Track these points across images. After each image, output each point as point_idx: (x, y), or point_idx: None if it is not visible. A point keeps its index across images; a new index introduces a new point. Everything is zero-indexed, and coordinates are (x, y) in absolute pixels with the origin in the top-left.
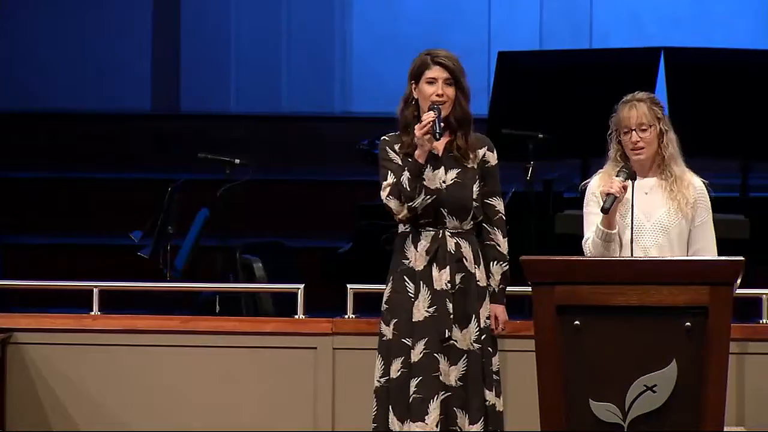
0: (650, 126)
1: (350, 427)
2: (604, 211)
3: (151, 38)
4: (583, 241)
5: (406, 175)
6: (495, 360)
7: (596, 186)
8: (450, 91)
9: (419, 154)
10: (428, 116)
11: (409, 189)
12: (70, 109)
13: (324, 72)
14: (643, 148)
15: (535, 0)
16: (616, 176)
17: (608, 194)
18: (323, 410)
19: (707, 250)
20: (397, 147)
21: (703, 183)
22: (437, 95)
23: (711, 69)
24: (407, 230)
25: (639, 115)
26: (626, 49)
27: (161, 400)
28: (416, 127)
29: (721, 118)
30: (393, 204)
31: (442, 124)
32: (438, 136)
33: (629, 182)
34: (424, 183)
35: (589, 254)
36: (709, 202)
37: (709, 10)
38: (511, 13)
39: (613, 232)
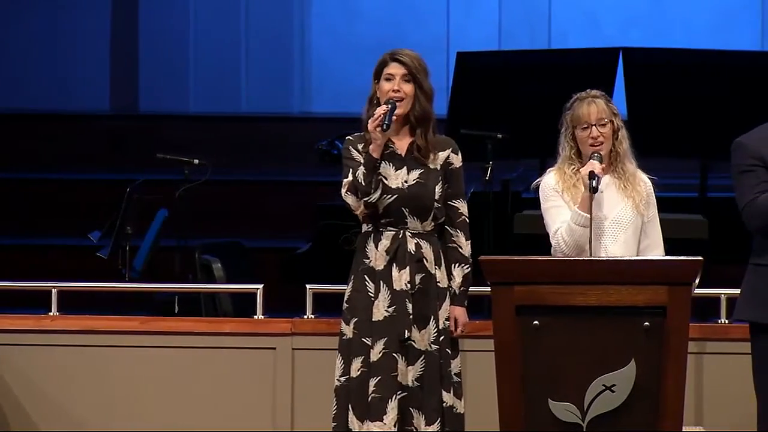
0: (609, 121)
1: (310, 426)
2: (594, 190)
3: (110, 38)
4: (552, 233)
5: (361, 170)
6: (455, 362)
7: (554, 182)
8: (407, 88)
9: (373, 149)
10: (380, 109)
11: (364, 183)
12: (29, 109)
13: (283, 72)
14: (603, 142)
15: (493, 0)
16: (592, 159)
17: (593, 174)
18: (282, 410)
19: (656, 245)
20: (360, 146)
21: (650, 179)
22: (393, 91)
23: (669, 69)
24: (369, 230)
25: (599, 110)
26: (585, 50)
27: (120, 400)
28: (369, 120)
29: (680, 118)
30: (350, 200)
31: (393, 117)
32: (385, 127)
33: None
34: (386, 182)
35: (563, 244)
36: (655, 198)
37: (667, 10)
38: (469, 13)
39: (590, 216)
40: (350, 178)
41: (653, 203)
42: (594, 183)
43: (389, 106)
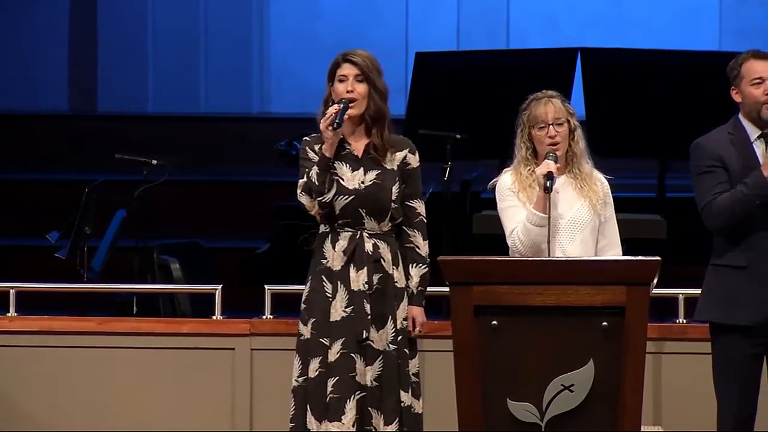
0: (565, 121)
1: (268, 427)
2: (548, 190)
3: (69, 38)
4: (508, 233)
5: (314, 170)
6: (413, 362)
7: (510, 182)
8: (361, 88)
9: (326, 148)
10: (332, 108)
11: (317, 183)
12: None
13: (242, 72)
14: (559, 142)
15: (452, 0)
16: (547, 159)
17: (548, 174)
18: (241, 410)
19: (613, 244)
20: (317, 147)
21: (606, 179)
22: (347, 92)
23: (627, 69)
24: (326, 230)
25: (556, 109)
26: (543, 50)
27: (78, 400)
28: (321, 120)
29: (638, 118)
30: (305, 200)
31: (346, 116)
32: (336, 126)
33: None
34: (343, 183)
35: (519, 244)
36: (611, 198)
37: (625, 11)
38: (428, 13)
39: (545, 215)
40: (305, 178)
41: (610, 203)
42: (548, 183)
43: (341, 105)
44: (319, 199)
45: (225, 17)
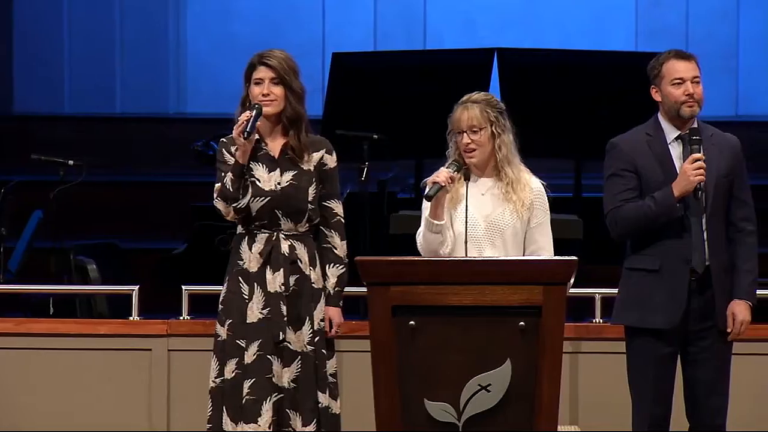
0: (481, 128)
1: (185, 427)
2: (428, 198)
3: None
4: (416, 235)
5: (229, 176)
6: (331, 363)
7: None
8: (277, 91)
9: (239, 155)
10: (244, 116)
11: (231, 190)
12: None
13: (158, 73)
14: (474, 150)
15: (369, 1)
16: (446, 167)
17: (434, 183)
18: (158, 411)
19: (544, 250)
20: (234, 149)
21: (542, 184)
22: (263, 95)
23: (544, 69)
24: (243, 232)
25: (470, 117)
26: (460, 50)
27: None
28: (234, 126)
29: (555, 118)
30: (220, 205)
31: (257, 123)
32: (246, 135)
33: (458, 174)
34: (259, 185)
35: (420, 246)
36: (547, 203)
37: (541, 12)
38: (345, 13)
39: (438, 223)
40: (221, 184)
41: (541, 209)
42: (430, 191)
43: (253, 111)
44: (233, 205)
45: (141, 17)
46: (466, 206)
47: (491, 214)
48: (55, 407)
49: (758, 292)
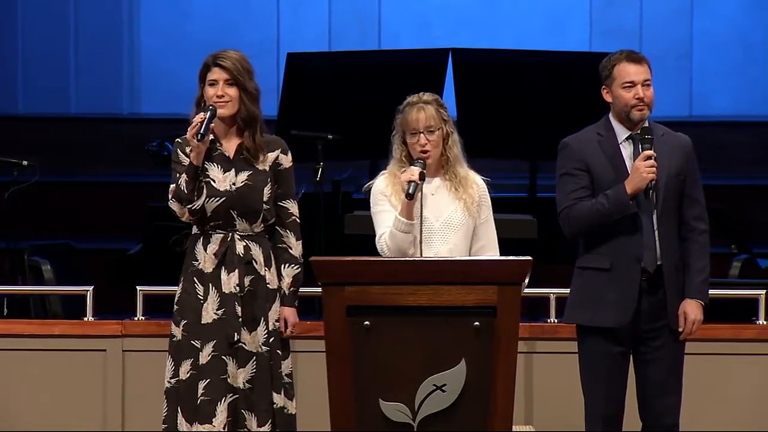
0: (437, 128)
1: (140, 427)
2: (409, 197)
3: None
4: (377, 239)
5: (183, 178)
6: (286, 363)
7: (384, 186)
8: (232, 92)
9: (193, 157)
10: (197, 118)
11: (186, 191)
12: None
13: (112, 73)
14: (429, 150)
15: (323, 1)
16: (414, 166)
17: (410, 182)
18: (113, 411)
19: (490, 246)
20: (188, 149)
21: (485, 181)
22: (217, 96)
23: (498, 69)
24: (198, 232)
25: (427, 117)
26: (414, 50)
27: None
28: (188, 128)
29: (510, 119)
30: (175, 207)
31: (211, 125)
32: (200, 137)
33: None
34: (214, 185)
35: (386, 249)
36: (490, 200)
37: (497, 12)
38: (299, 13)
39: (412, 222)
40: (175, 185)
41: (486, 205)
42: (409, 189)
43: (207, 113)
44: (188, 206)
45: (95, 17)
46: (421, 207)
47: (444, 213)
48: (9, 408)
49: (710, 291)
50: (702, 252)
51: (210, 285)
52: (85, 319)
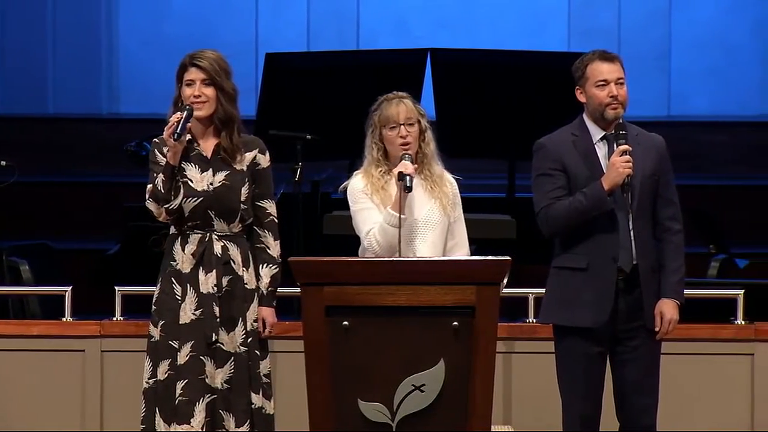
0: (416, 122)
1: (118, 428)
2: (408, 189)
3: None
4: (364, 235)
5: (160, 178)
6: (264, 363)
7: (362, 185)
8: (209, 92)
9: (170, 156)
10: (174, 117)
11: (163, 191)
12: None
13: (90, 73)
14: (410, 142)
15: (302, 1)
16: (403, 160)
17: (407, 174)
18: (92, 412)
19: (462, 245)
20: (165, 150)
21: (455, 179)
22: (194, 96)
23: (477, 69)
24: (176, 232)
25: (407, 110)
26: (393, 50)
27: None
28: (165, 128)
29: (488, 119)
30: (152, 207)
31: (188, 125)
32: (176, 137)
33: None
34: (191, 185)
35: (375, 245)
36: (460, 198)
37: (476, 12)
38: (277, 13)
39: (405, 216)
40: (152, 185)
41: (459, 203)
42: (408, 183)
43: (184, 112)
44: (165, 206)
45: (73, 17)
46: (400, 205)
47: (421, 211)
48: None
49: (689, 291)
50: (677, 252)
51: (188, 285)
52: (64, 319)
